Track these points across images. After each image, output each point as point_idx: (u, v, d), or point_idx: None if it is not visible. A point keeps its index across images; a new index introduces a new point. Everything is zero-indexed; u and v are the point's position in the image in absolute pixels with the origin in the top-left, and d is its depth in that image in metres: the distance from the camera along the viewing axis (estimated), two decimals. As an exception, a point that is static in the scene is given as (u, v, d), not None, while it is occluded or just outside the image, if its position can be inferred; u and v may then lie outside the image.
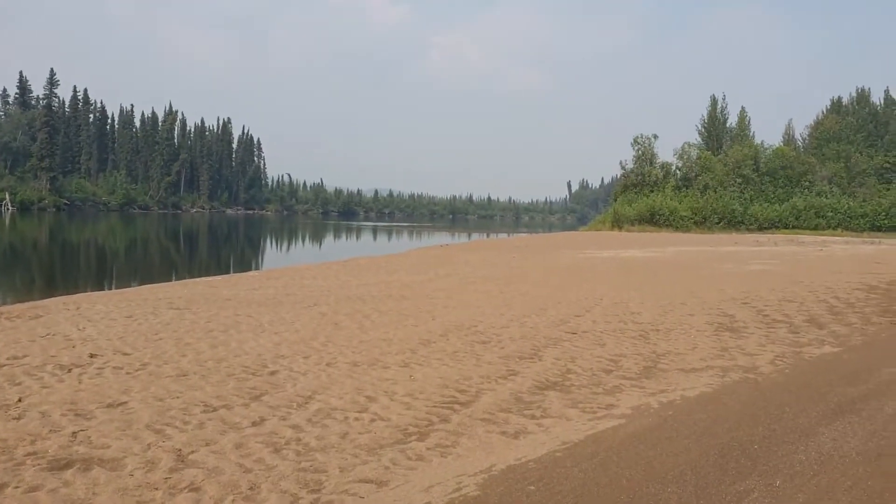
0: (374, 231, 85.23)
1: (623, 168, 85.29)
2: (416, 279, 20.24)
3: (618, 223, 74.27)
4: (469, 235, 74.98)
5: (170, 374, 8.26)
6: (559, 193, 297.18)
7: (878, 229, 73.40)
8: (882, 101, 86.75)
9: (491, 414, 6.95)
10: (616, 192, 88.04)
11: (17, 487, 4.94)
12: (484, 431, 6.43)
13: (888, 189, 77.91)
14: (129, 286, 20.53)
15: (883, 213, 74.67)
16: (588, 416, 6.97)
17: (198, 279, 21.08)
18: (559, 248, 40.18)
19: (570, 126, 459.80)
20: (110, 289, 20.56)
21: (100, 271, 29.91)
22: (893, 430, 6.56)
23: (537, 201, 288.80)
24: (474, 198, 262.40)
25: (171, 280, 23.01)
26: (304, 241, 63.80)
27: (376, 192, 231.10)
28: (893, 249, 43.52)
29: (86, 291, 18.56)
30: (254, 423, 6.47)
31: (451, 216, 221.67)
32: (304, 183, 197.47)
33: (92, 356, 9.17)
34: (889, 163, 79.87)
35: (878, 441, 6.26)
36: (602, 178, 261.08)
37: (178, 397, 7.27)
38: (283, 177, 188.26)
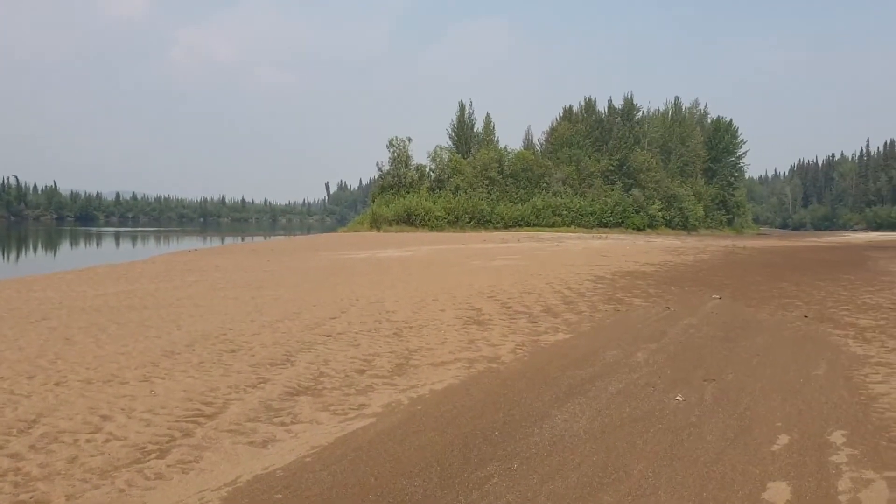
0: (117, 237, 79.40)
1: (380, 169, 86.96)
2: (160, 287, 19.09)
3: (376, 224, 75.53)
4: (222, 239, 72.34)
5: None
6: (318, 195, 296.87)
7: (605, 225, 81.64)
8: (606, 110, 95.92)
9: (238, 424, 6.70)
10: (374, 193, 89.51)
11: None
12: (230, 443, 6.17)
13: (612, 189, 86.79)
14: None
15: (608, 211, 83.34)
16: (339, 419, 6.95)
17: None
18: (317, 250, 39.98)
19: (326, 127, 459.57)
20: None
21: None
22: (615, 408, 7.21)
23: (295, 203, 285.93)
24: (227, 200, 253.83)
25: None
26: (34, 249, 57.91)
27: (118, 194, 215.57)
28: (617, 243, 48.33)
29: None
30: (-40, 460, 5.71)
31: (202, 219, 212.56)
32: (35, 186, 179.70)
33: None
34: (612, 166, 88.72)
35: (603, 419, 6.85)
36: (360, 180, 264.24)
37: None
38: (8, 179, 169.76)
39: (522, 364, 9.42)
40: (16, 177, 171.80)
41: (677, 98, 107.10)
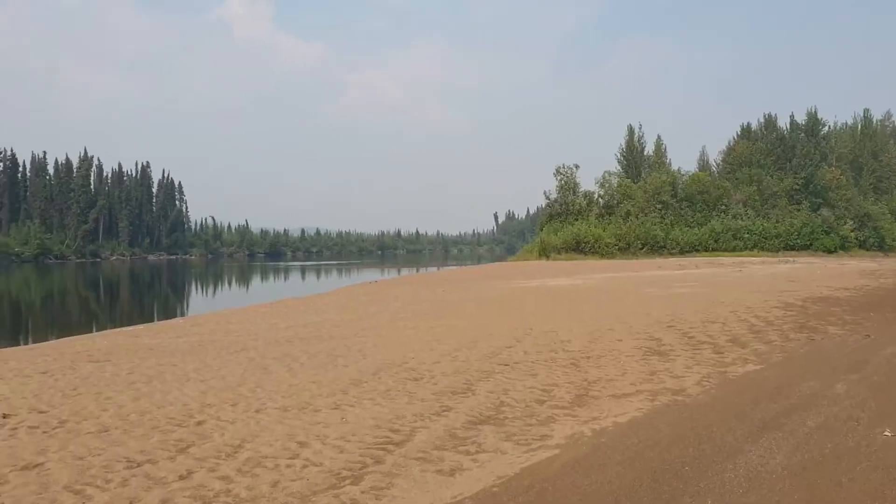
0: (302, 271, 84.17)
1: (547, 198, 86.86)
2: (345, 318, 20.02)
3: (545, 252, 75.37)
4: (398, 271, 74.84)
5: (90, 431, 7.90)
6: (487, 225, 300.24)
7: (792, 248, 76.60)
8: (788, 126, 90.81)
9: (425, 452, 6.87)
10: (542, 221, 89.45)
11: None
12: (419, 471, 6.34)
13: (798, 210, 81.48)
14: (47, 340, 19.69)
15: (795, 233, 78.09)
16: (523, 449, 6.95)
17: (119, 329, 20.39)
18: (488, 280, 40.44)
19: (492, 157, 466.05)
20: (26, 344, 19.68)
21: (13, 326, 28.63)
22: (816, 443, 6.74)
23: (465, 234, 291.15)
24: (402, 233, 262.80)
25: (90, 331, 22.20)
26: (229, 284, 62.54)
27: (303, 231, 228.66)
28: (806, 268, 45.30)
29: (-1, 348, 17.73)
30: (181, 477, 6.23)
31: (379, 252, 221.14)
32: (229, 225, 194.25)
33: (4, 416, 8.72)
34: (798, 185, 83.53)
35: (802, 455, 6.42)
36: (527, 209, 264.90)
37: (99, 454, 6.95)
38: (206, 220, 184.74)
39: (710, 397, 9.03)
40: (212, 217, 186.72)
41: (867, 110, 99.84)
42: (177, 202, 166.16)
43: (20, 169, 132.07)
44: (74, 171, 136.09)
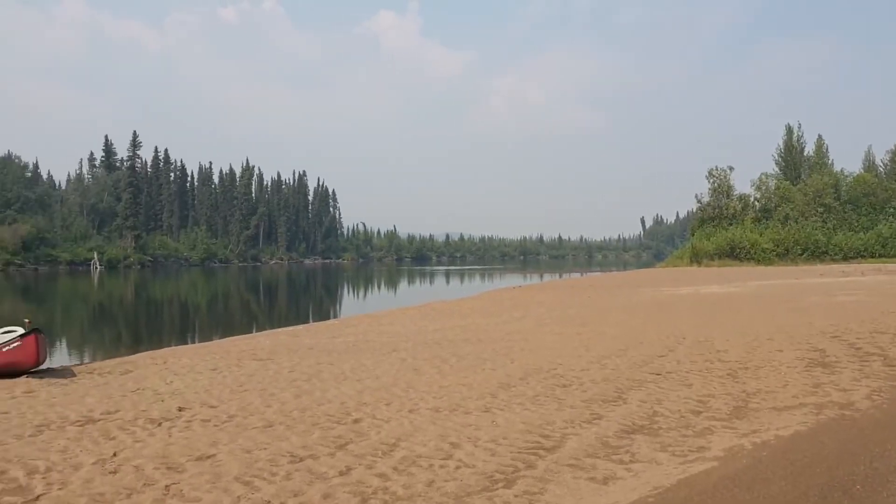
0: (447, 275, 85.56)
1: (699, 201, 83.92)
2: (491, 322, 20.18)
3: (696, 258, 72.84)
4: (541, 276, 74.55)
5: (256, 426, 8.40)
6: (633, 230, 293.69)
7: (972, 254, 69.95)
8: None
9: (577, 459, 6.83)
10: (693, 226, 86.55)
11: (116, 540, 5.06)
12: (571, 477, 6.31)
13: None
14: (212, 339, 21.05)
15: (976, 238, 71.24)
16: (679, 460, 6.78)
17: (279, 329, 21.50)
18: (636, 286, 39.56)
19: (637, 160, 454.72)
20: (194, 342, 21.13)
21: (183, 326, 30.79)
22: None
23: (610, 239, 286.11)
24: (545, 238, 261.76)
25: (252, 331, 23.54)
26: (379, 287, 64.50)
27: (447, 236, 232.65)
28: None
29: (170, 346, 19.15)
30: (340, 473, 6.51)
31: (522, 257, 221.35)
32: (379, 231, 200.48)
33: (180, 410, 9.41)
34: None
35: None
36: (677, 213, 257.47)
37: (264, 448, 7.36)
38: (357, 226, 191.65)
39: (882, 412, 8.44)
40: (363, 223, 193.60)
41: None
42: (331, 209, 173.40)
43: (188, 179, 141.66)
44: (237, 180, 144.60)
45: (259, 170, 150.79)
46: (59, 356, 17.91)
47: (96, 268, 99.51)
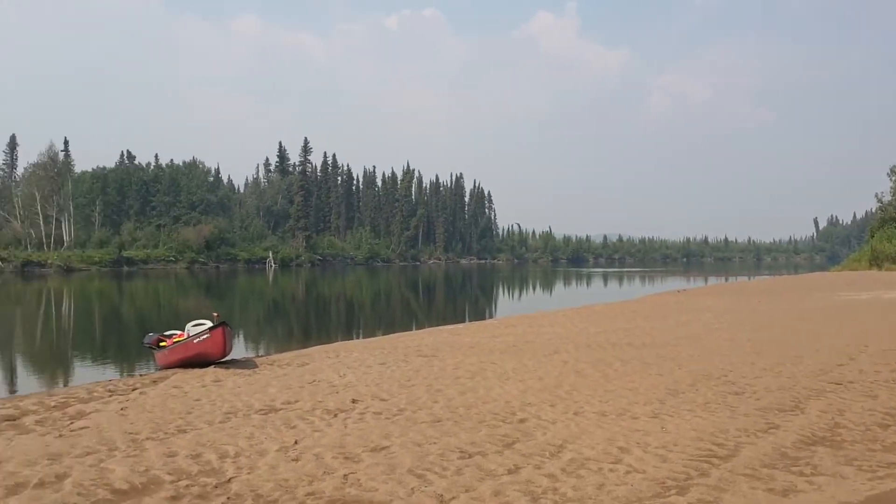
0: (605, 277, 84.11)
1: (879, 201, 77.94)
2: (655, 326, 19.68)
3: (876, 261, 67.59)
4: (706, 279, 71.70)
5: (425, 420, 8.65)
6: (804, 231, 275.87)
7: None
8: None
9: (754, 469, 6.56)
10: (872, 227, 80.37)
11: (302, 524, 5.37)
12: (748, 488, 6.07)
13: None
14: (375, 335, 21.78)
15: None
16: (866, 475, 6.36)
17: (442, 327, 21.95)
18: (809, 291, 37.27)
19: (811, 158, 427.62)
20: (359, 337, 21.98)
21: (349, 321, 32.08)
22: None
23: (780, 241, 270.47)
24: (710, 239, 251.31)
25: (412, 328, 24.20)
26: (535, 288, 64.40)
27: (605, 237, 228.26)
28: None
29: (337, 340, 20.03)
30: (509, 471, 6.59)
31: (684, 259, 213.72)
32: (534, 231, 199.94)
33: (354, 402, 9.85)
34: None
35: None
36: (854, 213, 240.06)
37: (434, 443, 7.58)
38: (512, 226, 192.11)
39: None
40: (518, 224, 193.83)
41: None
42: (486, 210, 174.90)
43: (354, 182, 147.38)
44: (398, 182, 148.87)
45: (419, 172, 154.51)
46: (240, 348, 19.18)
47: (271, 266, 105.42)
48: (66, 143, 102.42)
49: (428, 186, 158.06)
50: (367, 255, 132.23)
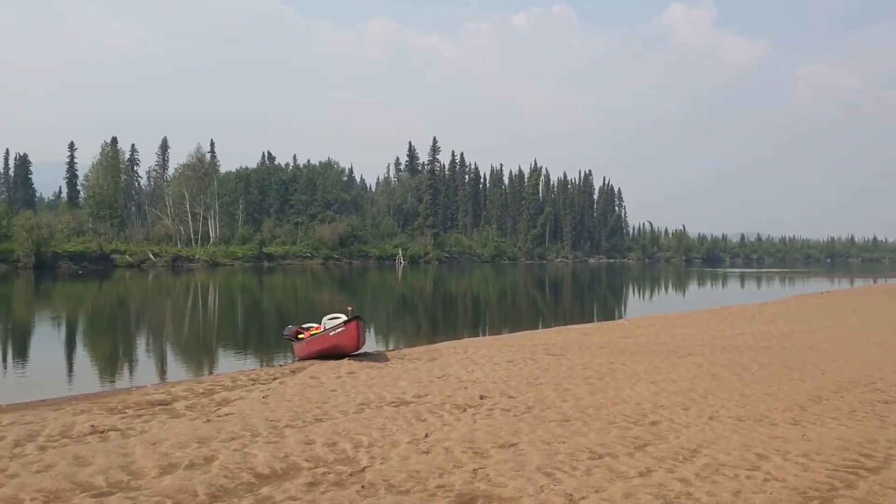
0: (742, 278, 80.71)
1: None
2: (795, 329, 18.75)
3: None
4: (852, 281, 67.51)
5: (553, 419, 8.62)
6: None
7: None
8: None
9: (907, 484, 6.16)
10: None
11: (434, 516, 5.47)
12: (899, 502, 5.71)
13: None
14: (501, 332, 21.84)
15: None
16: None
17: (570, 326, 21.76)
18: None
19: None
20: (484, 334, 22.08)
21: (475, 318, 32.27)
22: None
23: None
24: (856, 239, 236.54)
25: (538, 327, 24.09)
26: (667, 289, 62.62)
27: (742, 236, 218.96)
28: None
29: (463, 336, 20.17)
30: (640, 474, 6.48)
31: (828, 260, 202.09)
32: (666, 230, 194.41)
33: (482, 398, 9.95)
34: None
35: None
36: None
37: (563, 442, 7.54)
38: (643, 225, 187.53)
39: None
40: (650, 222, 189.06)
41: None
42: (616, 207, 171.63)
43: (481, 180, 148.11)
44: (526, 180, 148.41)
45: (546, 170, 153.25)
46: (371, 341, 19.70)
47: (400, 263, 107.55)
48: (212, 144, 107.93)
49: (555, 184, 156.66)
50: (493, 252, 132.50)
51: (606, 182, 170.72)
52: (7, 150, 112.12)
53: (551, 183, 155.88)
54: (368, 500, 5.73)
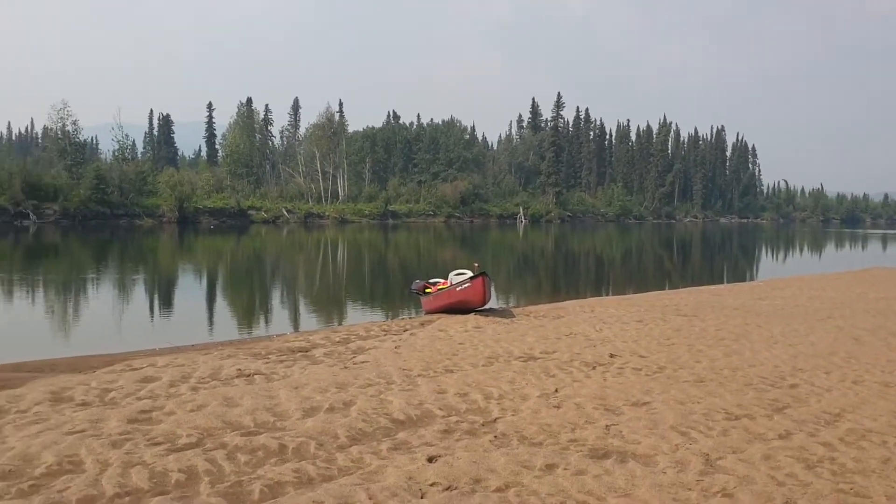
0: (884, 240, 75.78)
1: None
2: (951, 295, 17.53)
3: None
4: None
5: (687, 379, 8.48)
6: None
7: None
8: None
9: None
10: None
11: (565, 469, 5.51)
12: None
13: None
14: (626, 292, 21.47)
15: None
16: None
17: (701, 287, 21.21)
18: None
19: None
20: (608, 294, 21.81)
21: (598, 277, 31.87)
22: None
23: None
24: None
25: (665, 288, 23.54)
26: (803, 250, 59.66)
27: (885, 196, 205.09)
28: None
29: (586, 296, 19.97)
30: (780, 436, 6.29)
31: None
32: (802, 189, 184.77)
33: (612, 356, 9.88)
34: None
35: None
36: None
37: (698, 402, 7.41)
38: (778, 184, 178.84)
39: None
40: (785, 181, 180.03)
41: None
42: (749, 165, 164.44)
43: (606, 137, 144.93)
44: (654, 137, 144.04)
45: (676, 126, 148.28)
46: (494, 298, 19.84)
47: (521, 221, 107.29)
48: (340, 104, 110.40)
49: (685, 140, 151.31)
50: (618, 211, 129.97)
51: (740, 139, 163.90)
52: (151, 110, 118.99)
53: (681, 139, 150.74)
54: (502, 449, 5.84)
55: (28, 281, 23.55)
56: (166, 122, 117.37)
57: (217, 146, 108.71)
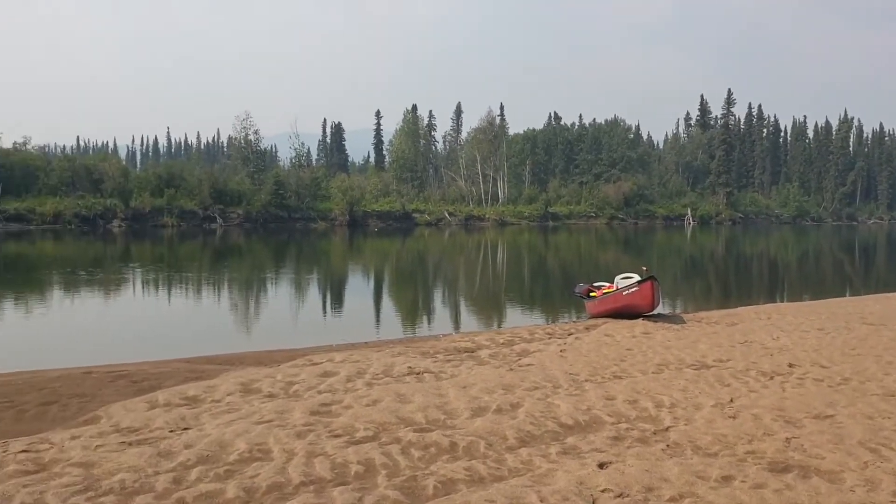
0: None
1: None
2: None
3: None
4: None
5: (875, 392, 7.91)
6: None
7: None
8: None
9: None
10: None
11: (743, 482, 5.29)
12: None
13: None
14: (802, 298, 20.24)
15: None
16: None
17: (889, 294, 19.63)
18: None
19: None
20: (783, 300, 20.60)
21: (772, 283, 30.21)
22: None
23: None
24: None
25: (845, 294, 22.02)
26: None
27: None
28: None
29: (759, 302, 18.92)
30: None
31: None
32: None
33: (791, 366, 9.39)
34: None
35: None
36: None
37: (888, 417, 6.90)
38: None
39: None
40: None
41: None
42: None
43: (781, 134, 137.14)
44: (833, 134, 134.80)
45: (858, 122, 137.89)
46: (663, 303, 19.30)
47: (689, 223, 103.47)
48: (501, 108, 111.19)
49: (869, 137, 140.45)
50: (794, 213, 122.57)
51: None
52: (324, 118, 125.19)
53: (864, 136, 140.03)
54: (675, 458, 5.71)
55: (216, 279, 25.48)
56: (338, 129, 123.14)
57: (384, 152, 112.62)
